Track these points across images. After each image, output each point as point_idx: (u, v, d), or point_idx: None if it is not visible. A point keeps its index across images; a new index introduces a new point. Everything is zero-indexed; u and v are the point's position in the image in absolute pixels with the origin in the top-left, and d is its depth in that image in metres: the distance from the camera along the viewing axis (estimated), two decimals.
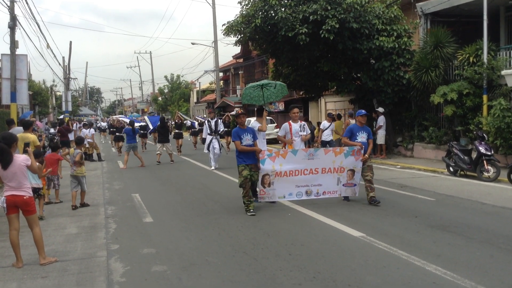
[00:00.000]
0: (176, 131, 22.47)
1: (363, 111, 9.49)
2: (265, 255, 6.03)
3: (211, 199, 10.24)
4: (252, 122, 10.44)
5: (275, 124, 29.18)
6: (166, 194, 11.11)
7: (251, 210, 8.36)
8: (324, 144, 17.02)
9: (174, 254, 6.22)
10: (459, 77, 15.59)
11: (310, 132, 10.21)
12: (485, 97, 14.61)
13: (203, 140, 15.80)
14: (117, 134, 24.51)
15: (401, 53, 16.56)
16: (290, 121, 9.96)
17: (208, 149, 15.64)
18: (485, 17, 14.40)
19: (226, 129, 22.23)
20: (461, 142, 14.37)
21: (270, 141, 27.69)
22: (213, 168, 15.46)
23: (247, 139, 8.50)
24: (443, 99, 15.03)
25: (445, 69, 16.10)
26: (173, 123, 23.28)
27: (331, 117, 17.92)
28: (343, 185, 9.10)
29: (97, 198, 10.73)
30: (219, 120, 16.52)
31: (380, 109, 17.37)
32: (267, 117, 30.33)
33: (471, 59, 14.89)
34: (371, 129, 11.08)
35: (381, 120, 17.23)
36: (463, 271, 5.21)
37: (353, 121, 18.35)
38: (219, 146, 15.74)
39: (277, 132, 28.62)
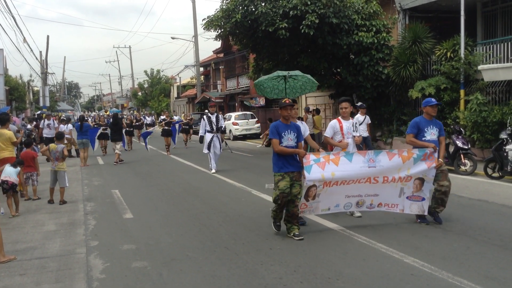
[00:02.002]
0: (165, 127, 21.03)
1: (433, 99, 7.25)
2: (246, 250, 6.05)
3: (192, 194, 10.22)
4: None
5: (256, 119, 29.18)
6: (146, 190, 11.04)
7: (278, 224, 6.73)
8: None
9: (155, 250, 6.20)
10: (437, 72, 15.82)
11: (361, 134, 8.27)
12: (462, 92, 14.85)
13: (200, 139, 13.84)
14: (127, 128, 22.60)
15: (380, 48, 16.71)
16: (340, 117, 7.68)
17: (208, 149, 13.51)
18: (462, 12, 14.63)
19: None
20: None
21: (252, 136, 27.92)
22: (213, 171, 13.46)
23: (288, 139, 6.47)
24: (421, 93, 15.22)
25: (423, 64, 16.30)
26: (163, 118, 22.49)
27: (308, 111, 18.71)
28: (407, 197, 6.97)
29: (76, 195, 10.61)
30: (220, 115, 14.22)
31: (361, 104, 17.49)
32: (247, 112, 30.36)
33: (448, 54, 15.10)
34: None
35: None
36: (440, 262, 5.31)
37: (310, 116, 18.81)
38: (220, 146, 13.83)
39: (258, 127, 28.96)
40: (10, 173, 8.51)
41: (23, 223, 7.96)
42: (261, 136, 25.72)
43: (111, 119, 18.52)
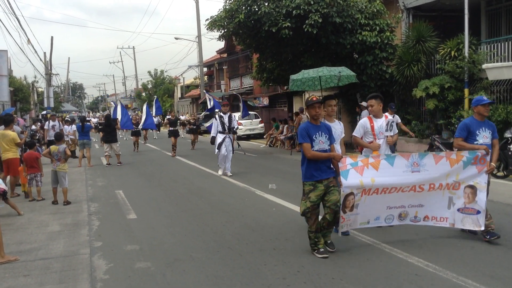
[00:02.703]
0: (171, 128, 20.26)
1: (485, 98, 6.50)
2: (250, 250, 6.04)
3: (196, 194, 10.22)
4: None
5: (260, 119, 29.16)
6: (150, 190, 11.05)
7: (321, 250, 5.70)
8: None
9: (158, 250, 6.19)
10: (441, 71, 15.75)
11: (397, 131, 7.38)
12: (466, 91, 14.78)
13: (212, 140, 13.13)
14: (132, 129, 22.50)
15: (383, 47, 16.68)
16: (371, 115, 6.82)
17: (219, 149, 12.81)
18: (466, 11, 14.56)
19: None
20: (443, 136, 14.52)
21: (255, 136, 27.91)
22: (220, 173, 12.97)
23: (320, 141, 5.66)
24: (425, 93, 15.17)
25: (427, 63, 16.25)
26: (168, 117, 22.27)
27: (302, 112, 19.23)
28: (458, 209, 6.14)
29: (80, 195, 10.62)
30: (233, 115, 13.49)
31: (364, 103, 17.43)
32: (251, 112, 30.29)
33: (452, 53, 15.05)
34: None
35: (365, 114, 17.29)
36: (444, 262, 5.29)
37: (304, 117, 18.91)
38: (233, 147, 13.15)
39: (262, 127, 28.93)
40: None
41: (27, 224, 7.98)
42: (264, 136, 25.70)
43: (103, 120, 18.16)
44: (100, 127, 19.54)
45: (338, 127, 6.54)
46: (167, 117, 23.47)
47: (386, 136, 6.71)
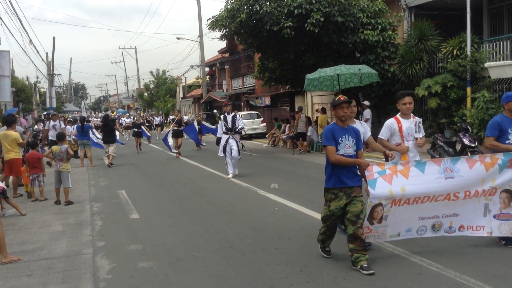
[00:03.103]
0: (175, 128, 19.59)
1: None
2: (252, 250, 6.03)
3: (198, 194, 10.22)
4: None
5: (262, 119, 29.16)
6: (152, 190, 11.06)
7: (328, 249, 5.60)
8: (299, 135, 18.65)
9: (161, 250, 6.19)
10: (443, 70, 15.74)
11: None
12: (468, 90, 14.77)
13: (217, 141, 12.86)
14: (135, 130, 22.72)
15: (385, 46, 16.66)
16: (398, 115, 6.24)
17: (224, 152, 12.49)
18: (468, 10, 14.55)
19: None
20: (446, 134, 14.50)
21: (257, 136, 27.90)
22: (230, 175, 12.41)
23: (346, 146, 5.23)
24: (427, 91, 15.15)
25: (429, 62, 16.24)
26: (172, 118, 21.95)
27: (301, 111, 19.84)
28: (494, 216, 5.70)
29: (82, 195, 10.63)
30: (238, 115, 13.02)
31: (366, 102, 17.46)
32: (253, 112, 30.28)
33: (454, 51, 15.03)
34: None
35: (367, 113, 17.33)
36: (447, 261, 5.27)
37: (303, 116, 19.04)
38: (238, 148, 12.61)
39: (264, 126, 28.92)
40: None
41: (30, 224, 8.00)
42: (267, 136, 25.70)
43: (102, 120, 17.93)
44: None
45: (361, 129, 6.03)
46: (171, 117, 23.12)
47: (416, 138, 6.15)
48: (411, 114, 6.22)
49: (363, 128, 6.28)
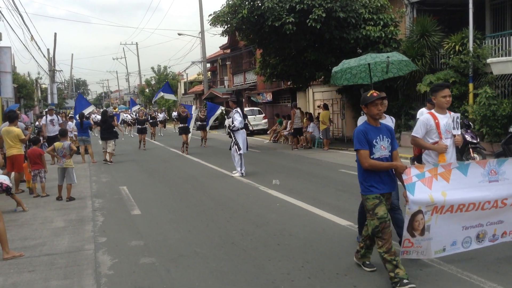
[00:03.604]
0: (181, 125, 19.10)
1: None
2: (254, 246, 6.03)
3: (199, 190, 10.23)
4: (360, 119, 5.81)
5: (263, 115, 29.14)
6: (154, 186, 11.07)
7: (406, 282, 4.44)
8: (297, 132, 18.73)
9: (163, 246, 6.20)
10: (445, 66, 15.70)
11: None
12: (471, 86, 14.73)
13: (232, 134, 12.25)
14: (139, 127, 22.27)
15: (387, 42, 16.61)
16: (433, 110, 5.59)
17: (243, 148, 11.97)
18: (470, 5, 14.50)
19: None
20: None
21: (259, 132, 27.89)
22: (237, 173, 11.98)
23: (382, 147, 4.70)
24: (429, 88, 15.10)
25: (431, 58, 16.19)
26: (175, 115, 21.51)
27: (296, 107, 19.76)
28: None
29: (84, 191, 10.65)
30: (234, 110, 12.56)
31: None
32: (254, 108, 30.25)
33: (457, 47, 14.98)
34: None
35: None
36: (448, 257, 5.25)
37: (298, 112, 19.01)
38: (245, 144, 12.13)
39: (265, 122, 28.93)
40: (4, 178, 8.24)
41: (32, 220, 8.01)
42: (268, 132, 25.70)
43: (100, 117, 17.78)
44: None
45: (391, 125, 5.44)
46: (174, 113, 22.52)
47: (454, 136, 5.52)
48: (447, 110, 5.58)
49: (393, 123, 5.70)
